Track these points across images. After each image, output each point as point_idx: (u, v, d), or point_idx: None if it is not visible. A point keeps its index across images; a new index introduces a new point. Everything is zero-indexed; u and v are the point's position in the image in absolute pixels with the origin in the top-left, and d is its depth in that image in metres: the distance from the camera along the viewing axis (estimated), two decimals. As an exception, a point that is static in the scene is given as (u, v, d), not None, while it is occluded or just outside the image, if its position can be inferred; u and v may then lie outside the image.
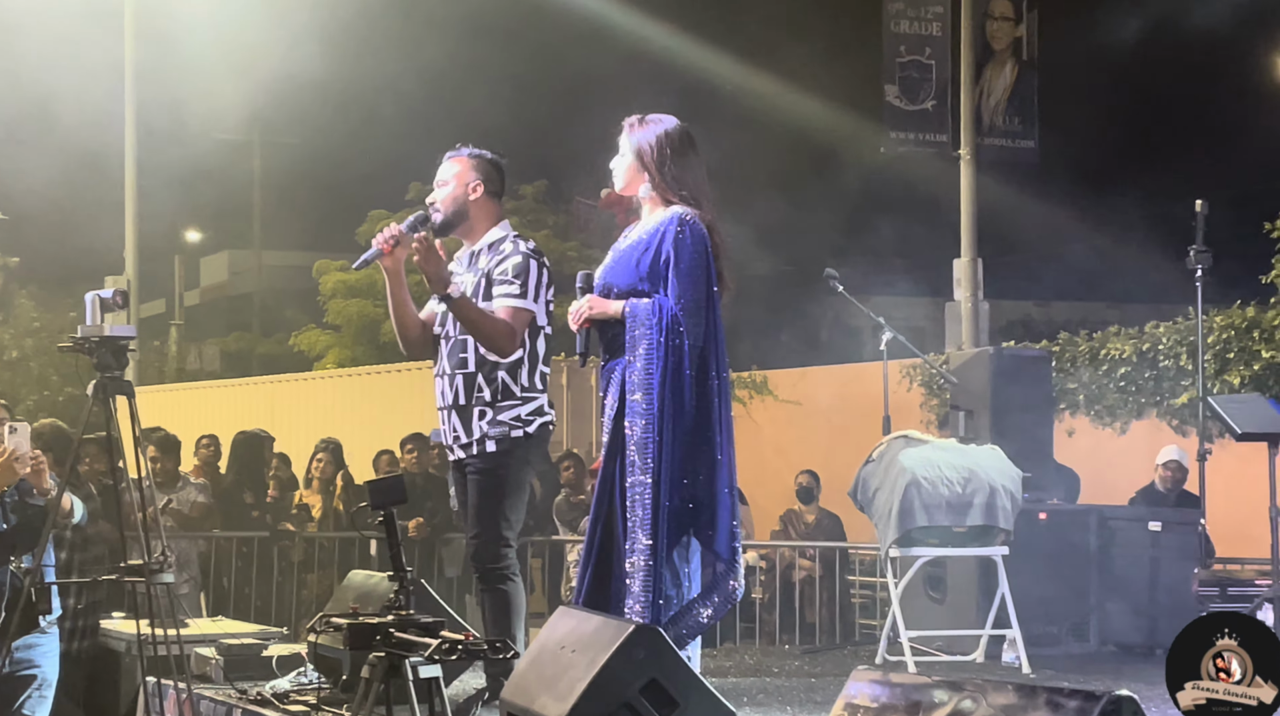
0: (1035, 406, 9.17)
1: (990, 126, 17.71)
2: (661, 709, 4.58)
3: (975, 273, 17.45)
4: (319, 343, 24.66)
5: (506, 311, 5.73)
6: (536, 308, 5.79)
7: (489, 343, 5.73)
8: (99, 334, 6.07)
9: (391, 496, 4.66)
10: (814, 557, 11.43)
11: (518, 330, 5.74)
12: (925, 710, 3.86)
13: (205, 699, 6.51)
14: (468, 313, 5.73)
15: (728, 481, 5.47)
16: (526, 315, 5.76)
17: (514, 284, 5.75)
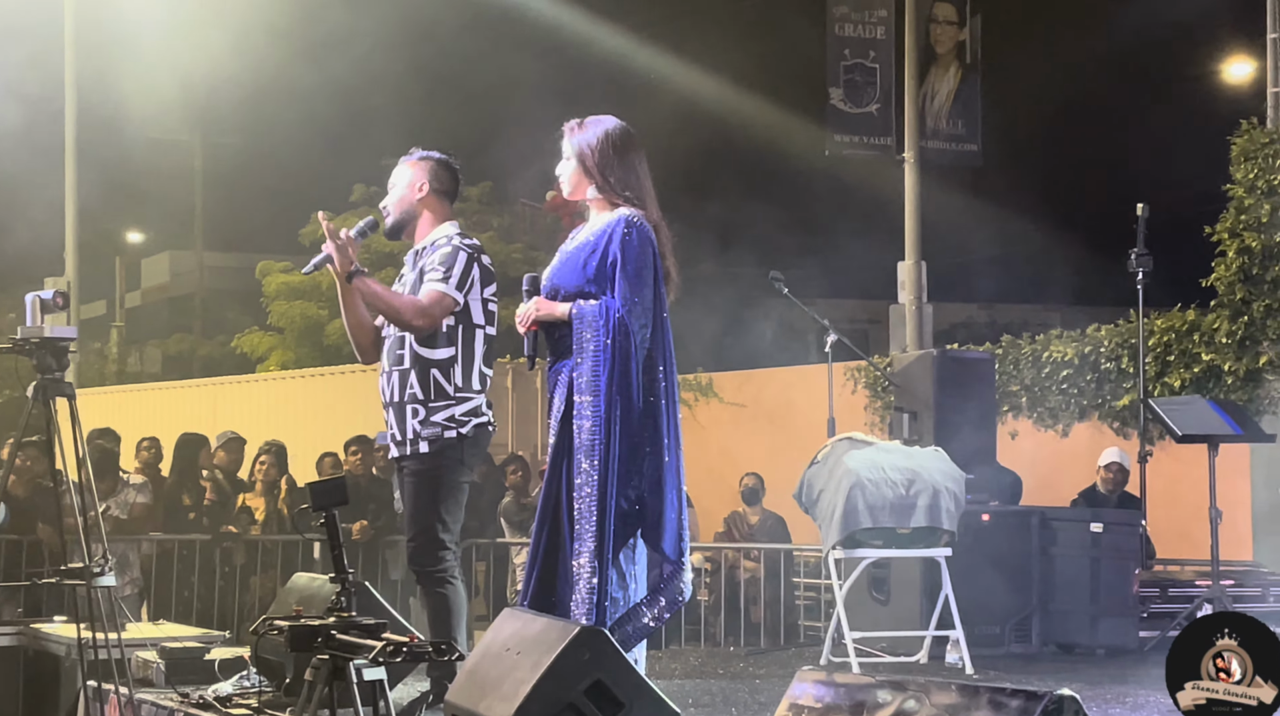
0: (978, 409, 9.22)
1: (934, 130, 17.81)
2: (606, 710, 4.59)
3: (919, 275, 17.54)
4: (261, 344, 24.52)
5: (426, 293, 5.73)
6: (458, 295, 5.76)
7: (396, 318, 5.74)
8: (39, 335, 6.03)
9: (333, 498, 4.64)
10: (758, 559, 11.46)
11: (430, 309, 5.71)
12: (869, 710, 3.87)
13: (146, 703, 6.45)
14: (370, 293, 5.74)
15: (675, 483, 5.48)
16: (446, 300, 5.74)
17: (438, 271, 5.76)
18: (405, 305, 5.74)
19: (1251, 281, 11.78)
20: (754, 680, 7.54)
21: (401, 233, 5.99)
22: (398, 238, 6.05)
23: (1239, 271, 11.85)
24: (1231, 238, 11.95)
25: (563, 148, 5.64)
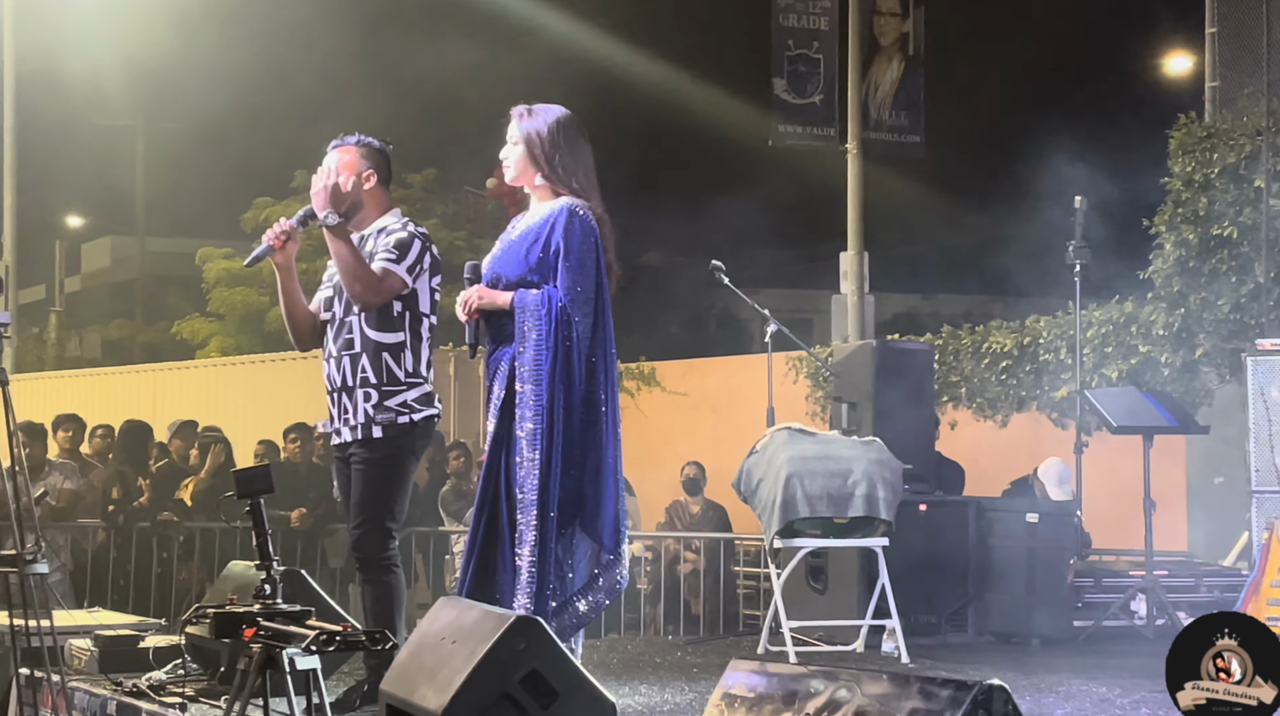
0: (917, 399, 9.25)
1: (877, 121, 17.86)
2: (541, 699, 4.58)
3: (861, 266, 17.59)
4: (202, 331, 24.36)
5: (377, 270, 5.71)
6: (409, 279, 5.73)
7: (351, 281, 5.67)
8: (-29, 320, 5.96)
9: (258, 485, 4.62)
10: (699, 550, 11.48)
11: (383, 286, 5.68)
12: (801, 699, 3.89)
13: (80, 690, 6.41)
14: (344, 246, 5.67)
15: (614, 473, 5.50)
16: (395, 279, 5.71)
17: (392, 253, 5.73)
18: (364, 276, 5.67)
19: (1188, 274, 11.88)
20: (691, 669, 7.55)
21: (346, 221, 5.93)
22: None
23: (1176, 264, 11.95)
24: (1169, 230, 12.04)
25: (509, 132, 5.64)
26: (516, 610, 5.18)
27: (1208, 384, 11.91)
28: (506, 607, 5.25)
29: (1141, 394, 9.91)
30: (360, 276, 5.68)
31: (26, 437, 10.75)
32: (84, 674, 6.66)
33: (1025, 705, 6.20)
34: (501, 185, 5.85)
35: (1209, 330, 11.79)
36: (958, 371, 13.99)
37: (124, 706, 6.08)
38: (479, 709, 4.53)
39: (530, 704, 4.57)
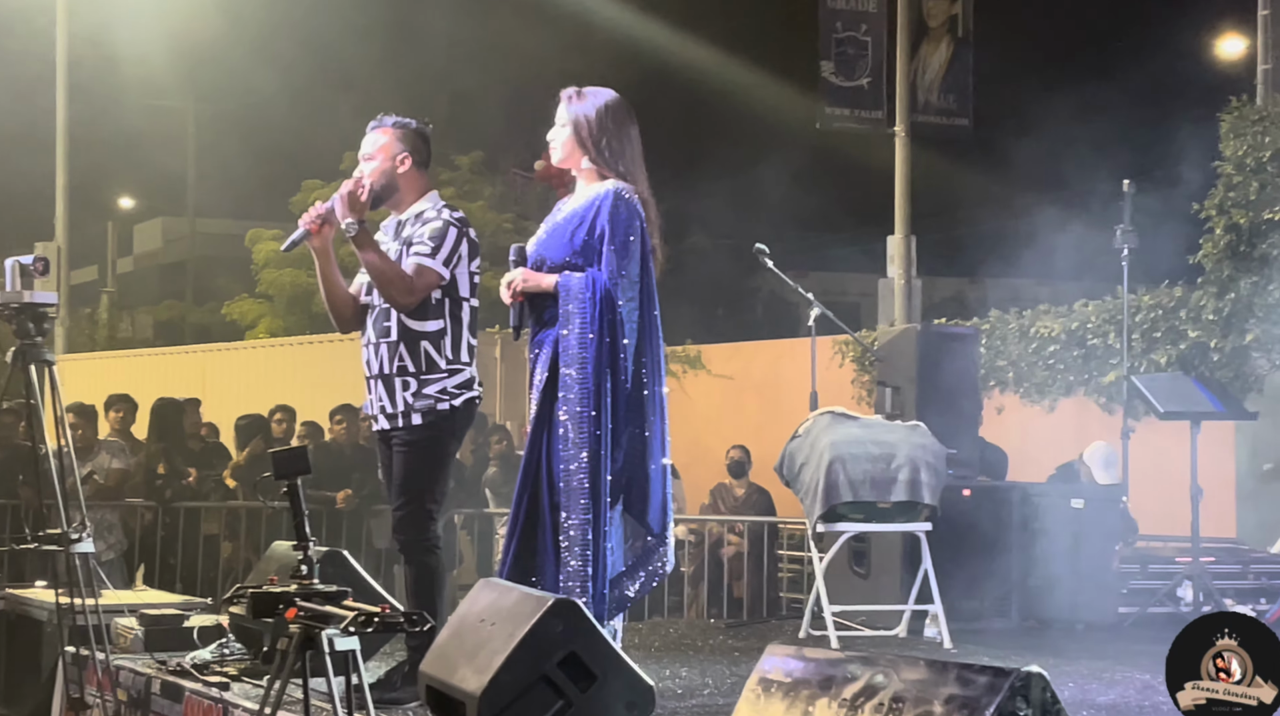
0: (962, 383, 9.19)
1: (925, 104, 17.79)
2: (579, 682, 4.60)
3: (909, 249, 17.54)
4: (251, 312, 24.51)
5: (411, 267, 5.69)
6: (445, 271, 5.70)
7: (383, 286, 5.66)
8: (18, 301, 6.01)
9: (295, 466, 4.63)
10: (743, 533, 11.47)
11: (416, 285, 5.66)
12: (838, 684, 3.88)
13: (125, 669, 6.46)
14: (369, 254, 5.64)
15: (660, 456, 5.49)
16: (430, 275, 5.68)
17: (426, 244, 5.69)
18: (395, 278, 5.64)
19: (1238, 258, 11.77)
20: (733, 652, 7.55)
21: (380, 204, 5.93)
22: (376, 208, 5.99)
23: (1226, 248, 11.85)
24: (1219, 214, 11.94)
25: (557, 114, 5.63)
26: (558, 592, 5.18)
27: (1257, 369, 11.81)
28: (547, 590, 5.26)
29: (1190, 379, 9.83)
30: (391, 280, 5.65)
31: (77, 418, 10.84)
32: (129, 652, 6.71)
33: (1069, 691, 6.19)
34: (549, 168, 5.83)
35: (1259, 316, 11.68)
36: (1005, 356, 13.92)
37: (168, 685, 6.13)
38: (517, 690, 4.54)
39: (568, 686, 4.58)
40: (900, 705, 3.71)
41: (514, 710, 4.54)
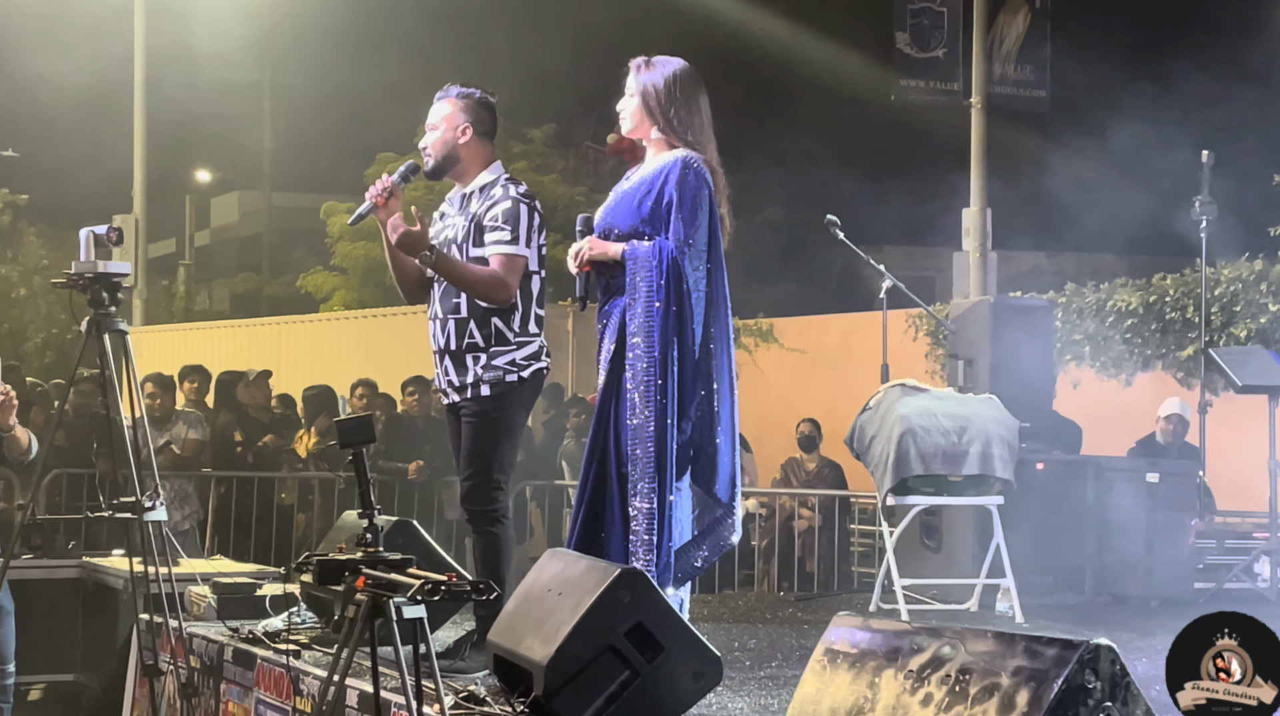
0: (1036, 357, 9.12)
1: (1002, 75, 17.62)
2: (646, 652, 4.59)
3: (984, 223, 17.40)
4: (326, 284, 24.66)
5: (498, 259, 5.67)
6: (529, 252, 5.72)
7: (483, 296, 5.69)
8: (92, 270, 6.05)
9: (359, 435, 4.65)
10: (814, 507, 11.43)
11: (508, 278, 5.66)
12: (904, 655, 3.86)
13: (198, 636, 6.53)
14: (453, 271, 5.67)
15: (728, 426, 5.47)
16: (519, 261, 5.69)
17: (505, 230, 5.68)
18: (491, 284, 5.64)
19: (1320, 231, 11.60)
20: (802, 625, 7.53)
21: (443, 175, 5.93)
22: (439, 179, 6.00)
23: (1308, 220, 11.68)
24: (1301, 185, 11.76)
25: (627, 84, 5.61)
26: (625, 563, 5.18)
27: (1339, 343, 11.63)
28: (615, 560, 5.26)
29: (1268, 353, 9.69)
30: (479, 290, 5.67)
31: (156, 388, 10.95)
32: (202, 620, 6.78)
33: (1142, 667, 6.12)
34: (622, 140, 5.81)
35: (1342, 288, 11.51)
36: (1081, 329, 13.78)
37: (240, 652, 6.18)
38: (584, 660, 4.55)
39: (635, 656, 4.58)
40: (967, 677, 3.68)
41: (581, 680, 4.54)
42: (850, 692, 3.91)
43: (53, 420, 7.71)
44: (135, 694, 6.96)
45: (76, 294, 6.09)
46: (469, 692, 4.99)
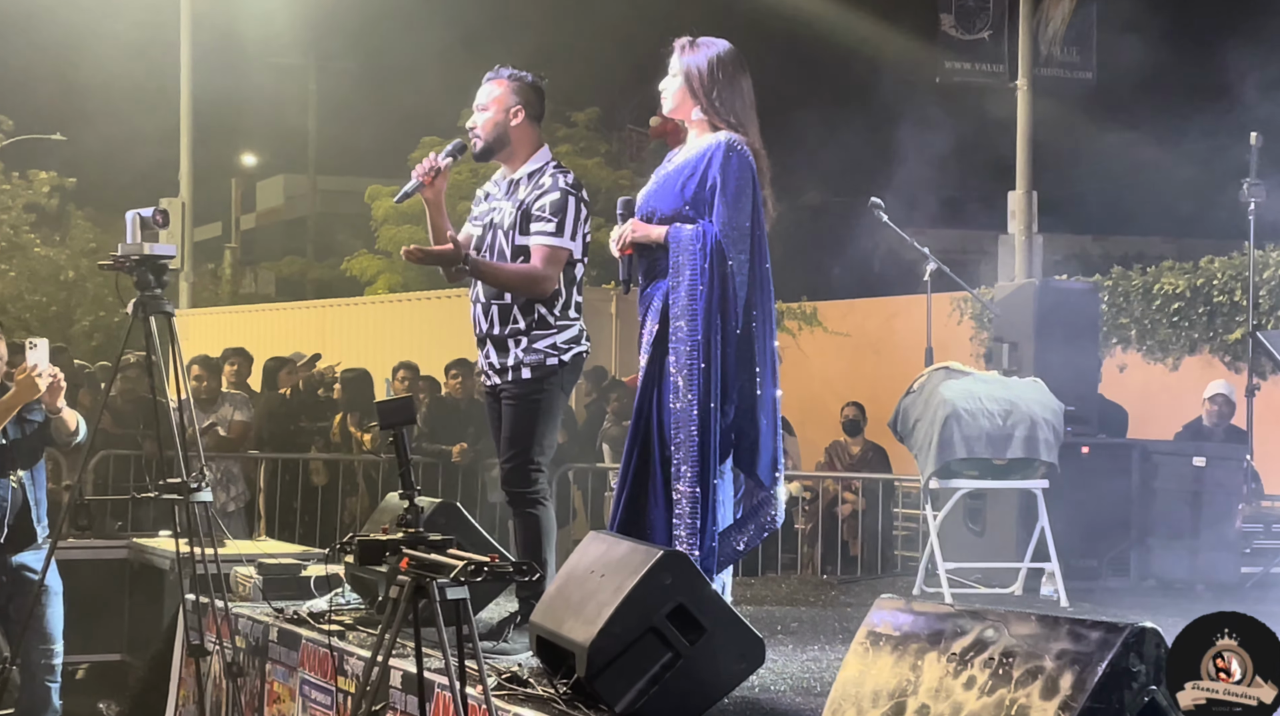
0: (1080, 340, 9.05)
1: (1047, 57, 17.50)
2: (688, 634, 4.59)
3: (1030, 205, 17.30)
4: (370, 267, 24.73)
5: (541, 250, 5.67)
6: (573, 245, 5.72)
7: (524, 294, 5.70)
8: (139, 253, 6.08)
9: (400, 417, 4.67)
10: (858, 490, 11.40)
11: (548, 271, 5.67)
12: (947, 638, 3.84)
13: (243, 617, 6.57)
14: (492, 276, 5.70)
15: (770, 409, 5.45)
16: (562, 253, 5.69)
17: (550, 222, 5.68)
18: (532, 281, 5.67)
19: (1370, 213, 11.47)
20: (845, 608, 7.52)
21: (492, 156, 5.94)
22: (488, 160, 6.00)
23: (1358, 203, 11.55)
24: (1351, 167, 11.63)
25: (670, 64, 5.60)
26: (668, 545, 5.18)
27: (1388, 326, 11.53)
28: (657, 542, 5.26)
29: (1317, 336, 9.61)
30: (518, 289, 5.71)
31: (203, 370, 11.01)
32: (248, 600, 6.83)
33: (1185, 651, 6.08)
34: (665, 123, 5.80)
35: (1391, 271, 11.40)
36: (1128, 313, 13.70)
37: (284, 633, 6.22)
38: (626, 642, 4.55)
39: (677, 638, 4.58)
40: (1010, 660, 3.66)
41: (623, 661, 4.55)
42: (893, 675, 3.90)
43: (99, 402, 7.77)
44: (181, 673, 7.02)
45: (123, 276, 6.13)
46: (511, 673, 5.01)
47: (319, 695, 5.89)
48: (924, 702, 3.79)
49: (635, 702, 4.53)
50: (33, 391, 6.78)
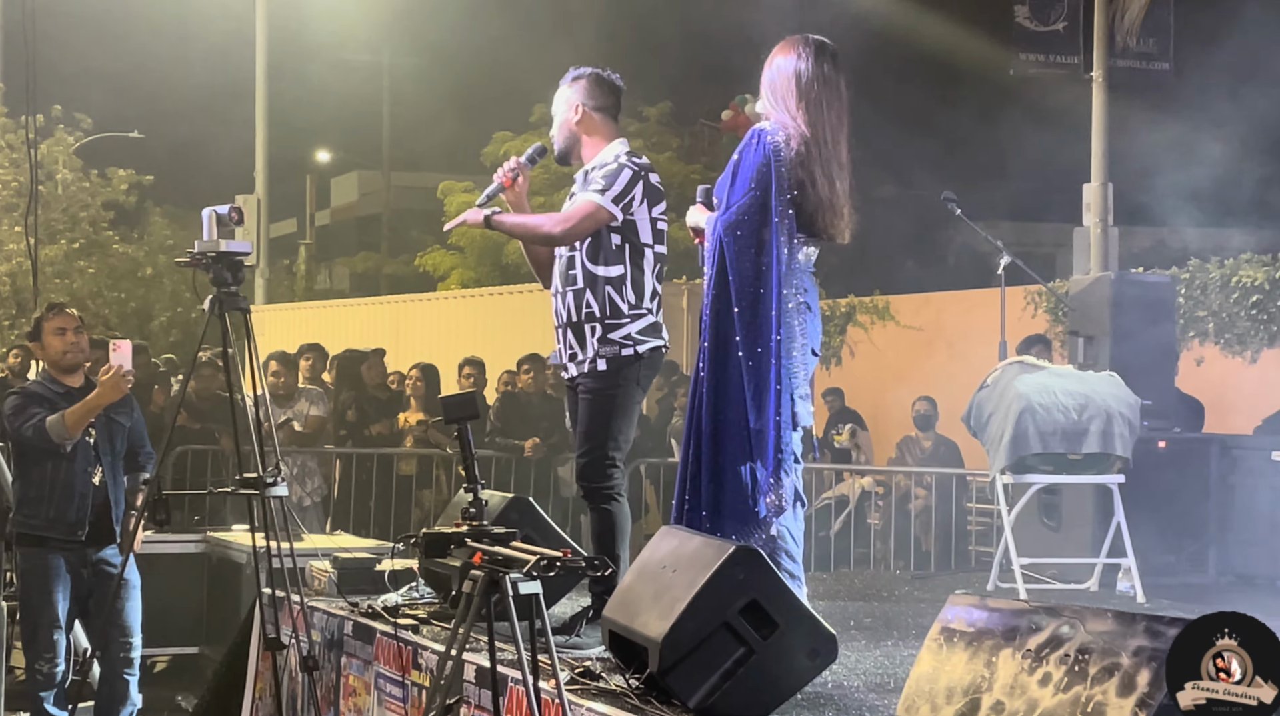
0: (1157, 333, 8.97)
1: (1124, 48, 17.29)
2: (761, 629, 4.59)
3: (1105, 198, 17.13)
4: (443, 263, 24.85)
5: (577, 205, 5.72)
6: (614, 209, 5.67)
7: (537, 235, 5.82)
8: (215, 250, 6.15)
9: (464, 411, 4.70)
10: (930, 486, 11.35)
11: (572, 217, 5.69)
12: (1022, 635, 3.82)
13: (319, 611, 6.62)
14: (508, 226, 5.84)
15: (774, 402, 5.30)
16: (600, 212, 5.67)
17: (597, 184, 5.71)
18: (543, 219, 5.82)
19: None
20: (918, 603, 7.49)
21: (570, 158, 5.96)
22: (567, 163, 6.03)
23: None
24: None
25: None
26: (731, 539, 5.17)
27: None
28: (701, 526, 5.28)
29: (1400, 329, 9.47)
30: (539, 225, 5.80)
31: (280, 366, 11.11)
32: (323, 595, 6.88)
33: (1265, 649, 6.01)
34: (736, 117, 5.84)
35: None
36: (1205, 306, 13.55)
37: (359, 627, 6.26)
38: (699, 637, 4.55)
39: (750, 633, 4.57)
40: (1086, 656, 3.64)
41: (696, 656, 4.55)
42: (967, 671, 3.88)
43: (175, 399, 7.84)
44: (258, 667, 7.08)
45: (200, 273, 6.20)
46: (585, 668, 5.02)
47: (394, 688, 5.93)
48: (999, 699, 3.77)
49: (708, 698, 4.53)
50: (117, 392, 6.88)
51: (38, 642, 7.09)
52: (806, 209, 5.40)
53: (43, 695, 7.09)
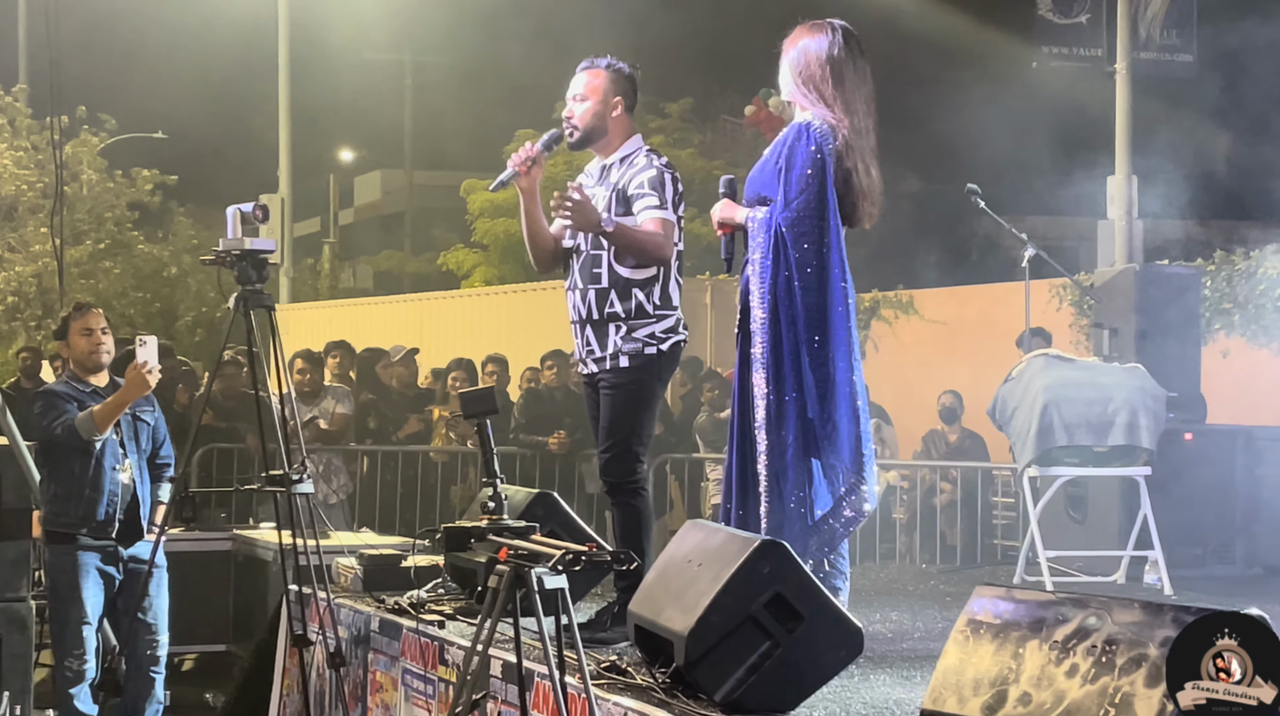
0: (1182, 325, 8.94)
1: (1147, 40, 17.25)
2: (786, 623, 4.59)
3: (1129, 190, 17.08)
4: (467, 261, 24.88)
5: (654, 222, 5.68)
6: (673, 216, 5.73)
7: (653, 256, 5.68)
8: (239, 248, 6.17)
9: (483, 406, 4.70)
10: (956, 479, 11.32)
11: (670, 238, 5.69)
12: (1049, 626, 3.81)
13: (345, 607, 6.64)
14: (627, 238, 5.67)
15: (849, 394, 5.37)
16: (671, 226, 5.71)
17: (652, 195, 5.69)
18: (657, 243, 5.67)
19: None
20: (945, 597, 7.48)
21: (588, 146, 5.95)
22: (583, 149, 6.01)
23: None
24: None
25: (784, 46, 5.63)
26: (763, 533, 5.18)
27: None
28: (753, 530, 5.26)
29: None
30: (650, 250, 5.67)
31: (306, 364, 11.13)
32: (349, 591, 6.89)
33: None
34: (759, 112, 5.84)
35: None
36: (1231, 298, 13.48)
37: (386, 623, 6.28)
38: (724, 631, 4.55)
39: (775, 627, 4.57)
40: (1113, 647, 3.63)
41: (721, 650, 4.55)
42: (994, 663, 3.88)
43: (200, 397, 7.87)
44: (285, 663, 7.10)
45: (225, 271, 6.22)
46: (610, 663, 5.03)
47: (420, 684, 5.94)
48: (1026, 691, 3.76)
49: (733, 692, 4.54)
50: (143, 388, 6.90)
51: (66, 639, 7.11)
52: (850, 198, 5.45)
53: (71, 692, 7.12)
